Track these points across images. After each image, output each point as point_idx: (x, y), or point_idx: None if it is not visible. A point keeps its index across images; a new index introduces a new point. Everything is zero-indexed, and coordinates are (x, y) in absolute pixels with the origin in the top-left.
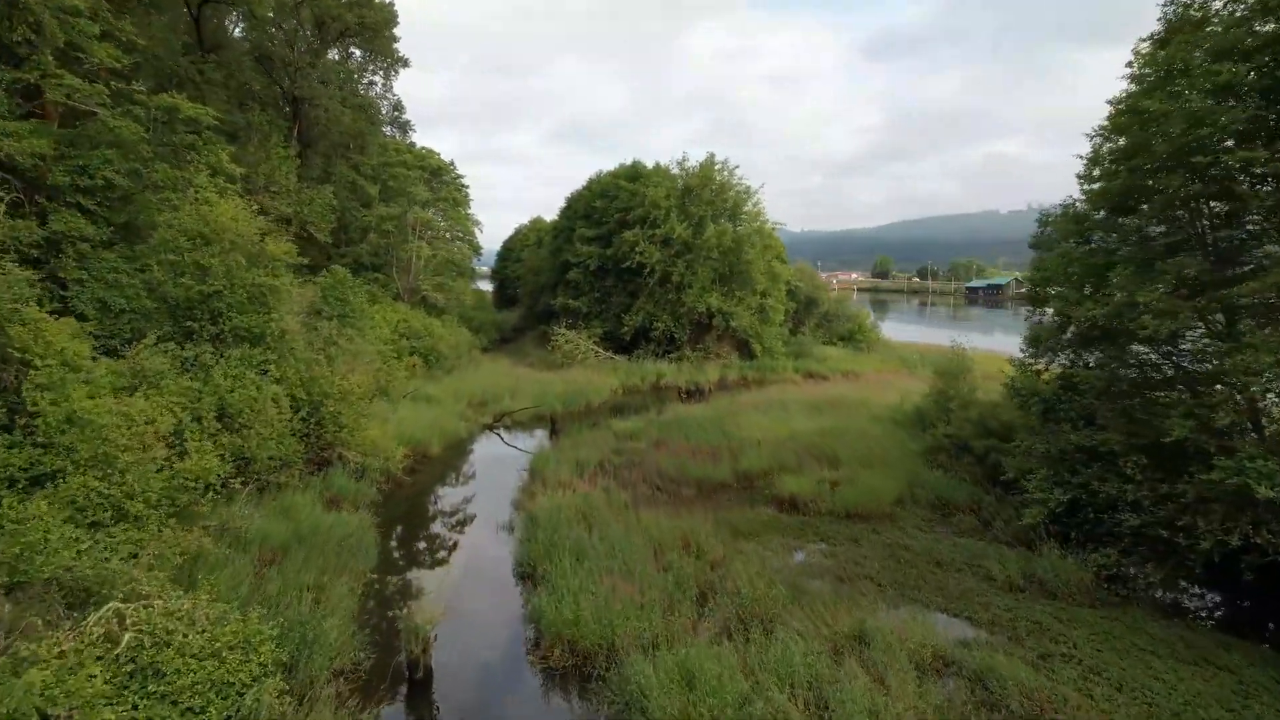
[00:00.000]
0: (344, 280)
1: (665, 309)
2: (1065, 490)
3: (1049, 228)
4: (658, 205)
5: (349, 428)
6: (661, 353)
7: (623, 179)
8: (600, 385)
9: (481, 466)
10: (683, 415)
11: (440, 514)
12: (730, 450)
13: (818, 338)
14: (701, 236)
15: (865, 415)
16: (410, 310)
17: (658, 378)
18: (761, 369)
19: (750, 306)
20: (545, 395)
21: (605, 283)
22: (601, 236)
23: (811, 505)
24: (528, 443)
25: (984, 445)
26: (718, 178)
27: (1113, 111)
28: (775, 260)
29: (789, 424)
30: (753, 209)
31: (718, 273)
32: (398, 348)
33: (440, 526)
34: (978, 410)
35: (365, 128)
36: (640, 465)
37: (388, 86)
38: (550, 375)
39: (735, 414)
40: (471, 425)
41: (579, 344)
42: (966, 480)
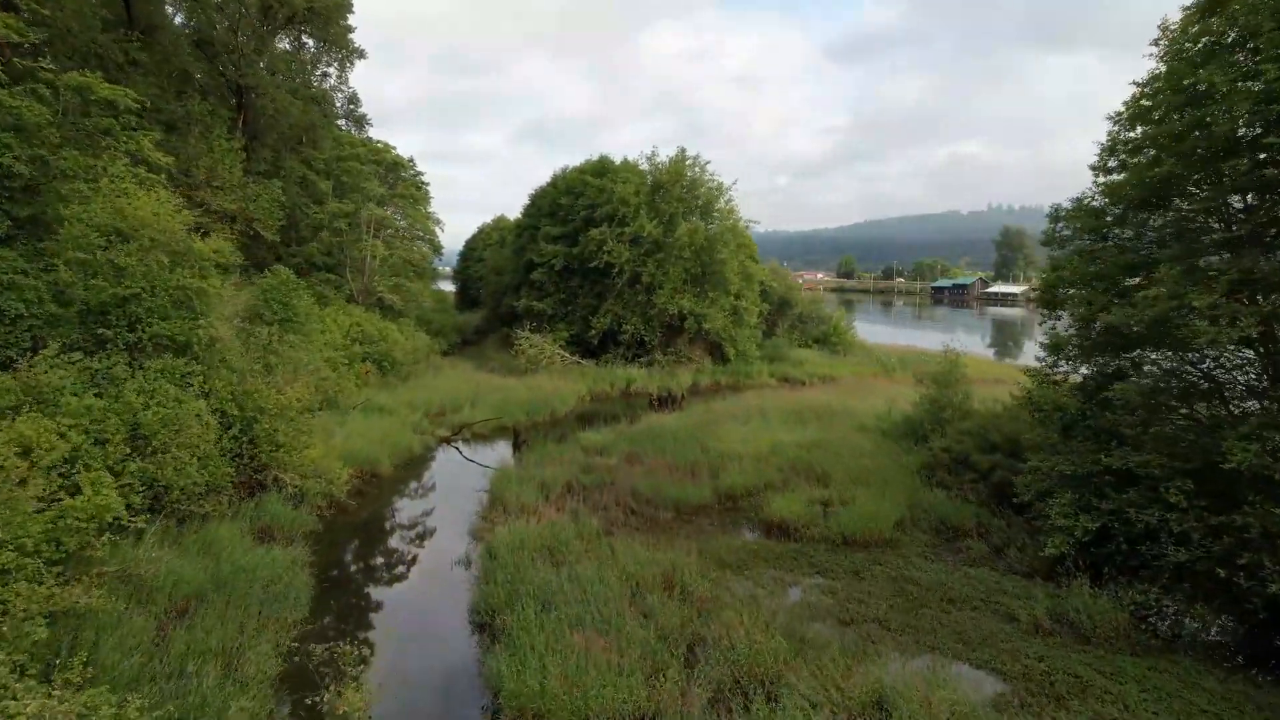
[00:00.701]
0: (287, 281)
1: (635, 311)
2: (1093, 517)
3: (1062, 223)
4: (626, 202)
5: (287, 446)
6: (631, 357)
7: (589, 175)
8: (567, 392)
9: (437, 487)
10: (656, 426)
11: (387, 546)
12: (709, 466)
13: (792, 340)
14: (672, 235)
15: (851, 425)
16: (365, 313)
17: (627, 383)
18: (735, 373)
19: (723, 308)
20: (508, 404)
21: (571, 283)
22: (567, 235)
23: (803, 531)
24: (489, 456)
25: (988, 461)
26: (689, 174)
27: (1138, 94)
28: (748, 260)
29: (771, 435)
30: (725, 206)
31: (689, 273)
32: (349, 354)
33: (386, 562)
34: (977, 421)
35: (317, 120)
36: (612, 485)
37: (342, 79)
38: (513, 381)
39: (712, 424)
40: (428, 438)
41: (544, 348)
42: (970, 500)
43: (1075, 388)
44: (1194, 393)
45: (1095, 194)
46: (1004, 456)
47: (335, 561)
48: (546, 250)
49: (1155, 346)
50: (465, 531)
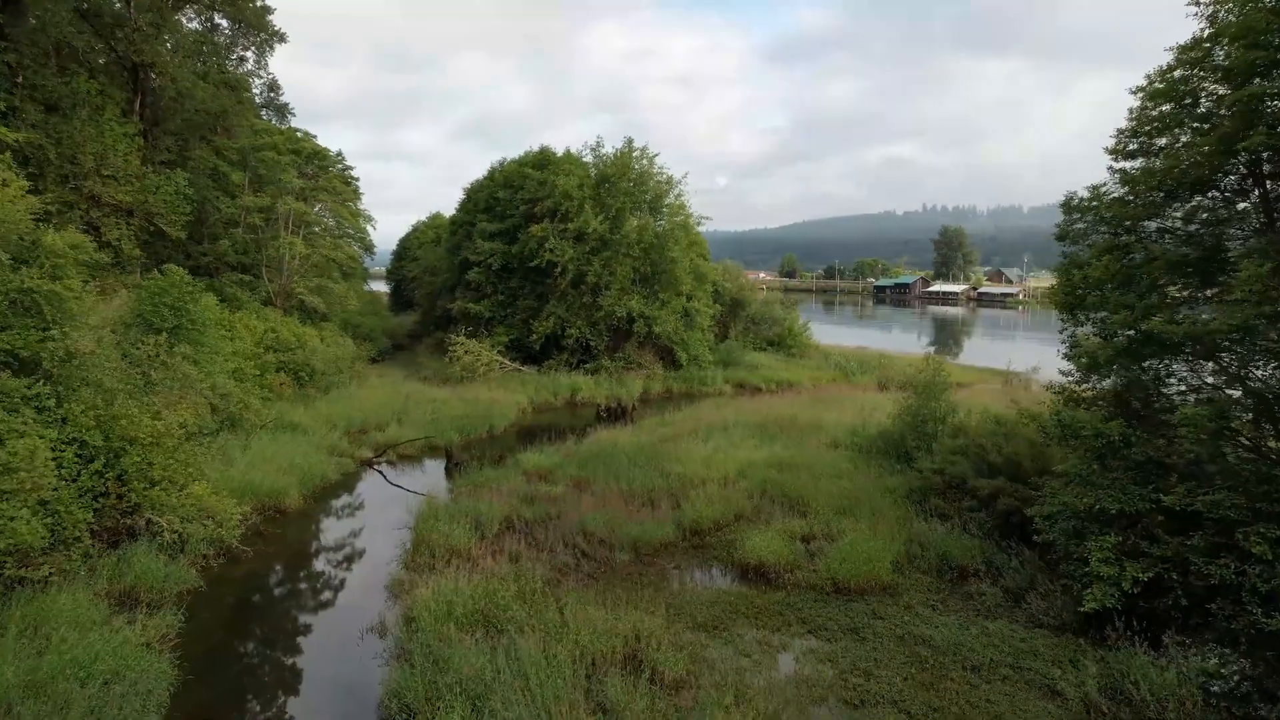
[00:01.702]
0: (180, 283)
1: (580, 313)
2: (1144, 565)
3: (1078, 215)
4: (569, 196)
5: (164, 482)
6: (576, 363)
7: (530, 167)
8: (506, 404)
9: (353, 522)
10: (607, 444)
11: (283, 608)
12: (670, 494)
13: (746, 343)
14: (619, 231)
15: (823, 440)
16: (283, 317)
17: (573, 392)
18: (689, 380)
19: (675, 310)
20: (440, 419)
21: (510, 284)
22: (506, 231)
23: (787, 575)
24: (418, 480)
25: (988, 486)
26: (637, 166)
27: (1178, 56)
28: (700, 258)
29: (736, 454)
30: (675, 201)
31: (638, 272)
32: (261, 364)
33: (279, 632)
34: (971, 439)
35: (230, 106)
36: (559, 520)
37: (261, 64)
38: (447, 392)
39: (670, 441)
40: (346, 462)
41: (481, 354)
42: (972, 532)
43: (1112, 407)
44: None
45: (1111, 182)
46: (1007, 480)
47: (213, 633)
48: (483, 248)
49: (1210, 357)
50: (383, 584)
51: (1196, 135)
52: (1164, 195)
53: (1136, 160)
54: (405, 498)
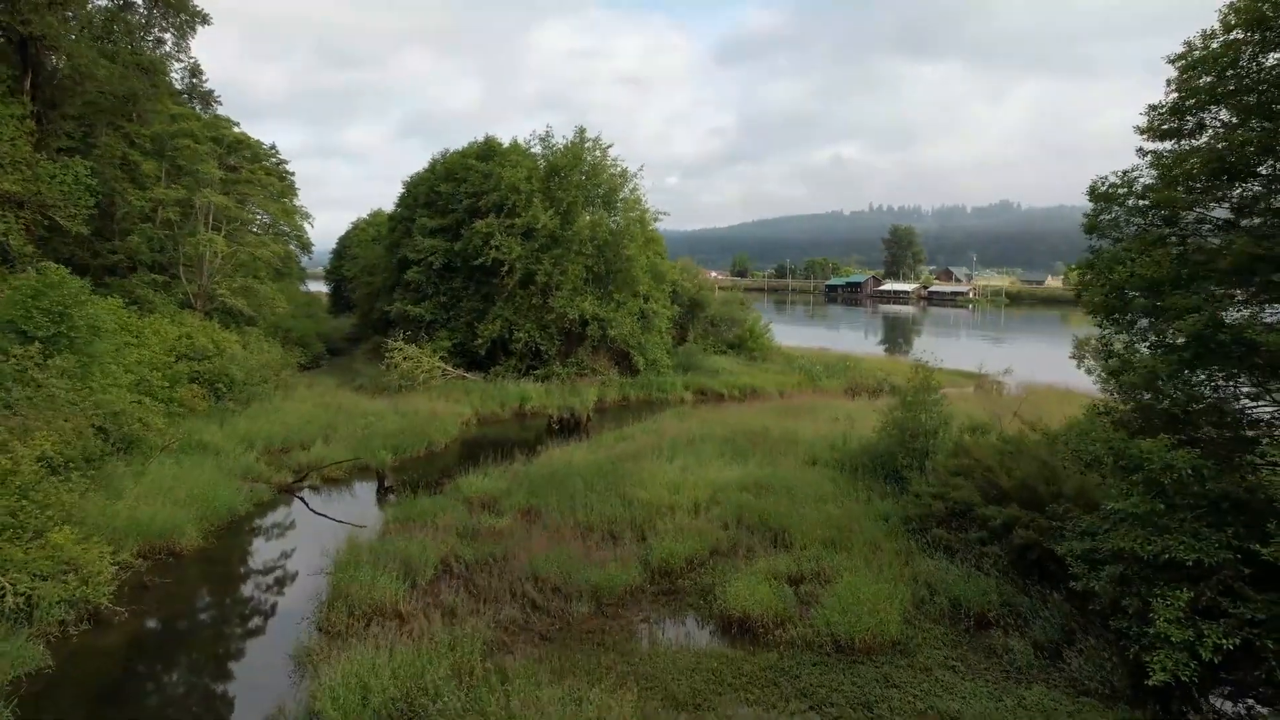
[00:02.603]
0: (61, 284)
1: (529, 316)
2: (1226, 627)
3: (1106, 204)
4: (517, 189)
5: (11, 531)
6: (525, 369)
7: (473, 158)
8: (447, 417)
9: (261, 567)
10: (560, 464)
11: (154, 701)
12: (635, 525)
13: (706, 347)
14: (571, 227)
15: (801, 455)
16: (201, 322)
17: (521, 402)
18: (647, 386)
19: (631, 312)
20: (373, 435)
21: (453, 284)
22: (448, 228)
23: (777, 631)
24: (346, 507)
25: (999, 515)
26: (589, 158)
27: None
28: (657, 256)
29: (706, 474)
30: (631, 196)
31: (592, 271)
32: (172, 374)
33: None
34: (973, 459)
35: (141, 89)
36: (505, 562)
37: (182, 47)
38: (383, 404)
39: (630, 460)
40: (261, 489)
41: (421, 361)
42: (987, 571)
43: (1170, 431)
44: None
45: (1143, 166)
46: (1020, 508)
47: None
48: (423, 245)
49: None
50: (287, 654)
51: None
52: (1208, 180)
53: (1168, 141)
54: (328, 532)
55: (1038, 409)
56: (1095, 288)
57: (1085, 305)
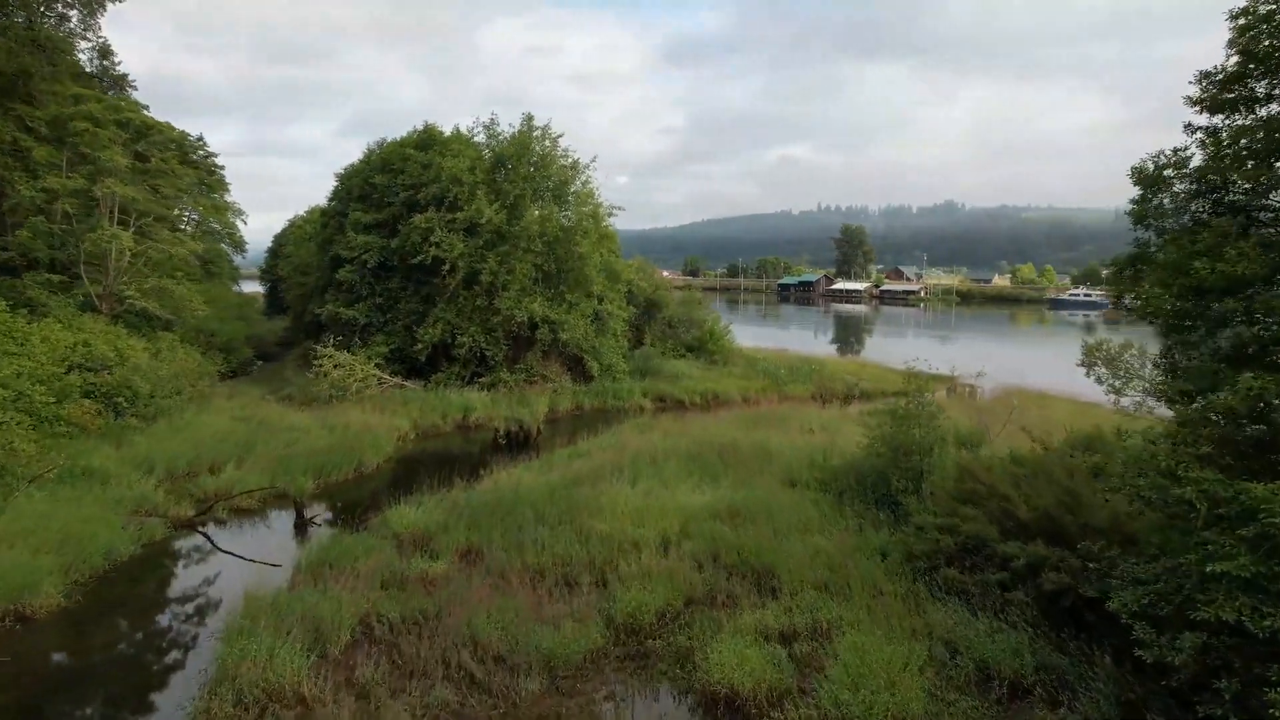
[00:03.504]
0: None
1: (473, 318)
2: None
3: (1154, 190)
4: (459, 181)
5: None
6: (470, 376)
7: (411, 148)
8: (382, 431)
9: (136, 631)
10: (506, 490)
11: None
12: (593, 566)
13: (664, 349)
14: (518, 222)
15: (777, 474)
16: (106, 326)
17: (465, 413)
18: (602, 394)
19: (584, 313)
20: (294, 456)
21: (390, 284)
22: (384, 223)
23: (773, 713)
24: (259, 542)
25: (1022, 554)
26: (538, 148)
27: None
28: (612, 254)
29: (673, 499)
30: (583, 189)
31: (541, 271)
32: (60, 387)
33: None
34: (982, 482)
35: (35, 68)
36: (439, 621)
37: (90, 25)
38: (310, 417)
39: (586, 482)
40: (154, 525)
41: (354, 368)
42: (1014, 621)
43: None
44: None
45: (1193, 144)
46: (1046, 545)
47: None
48: (357, 242)
49: None
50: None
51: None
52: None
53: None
54: (234, 575)
55: (1026, 417)
56: (1156, 289)
57: (1142, 311)
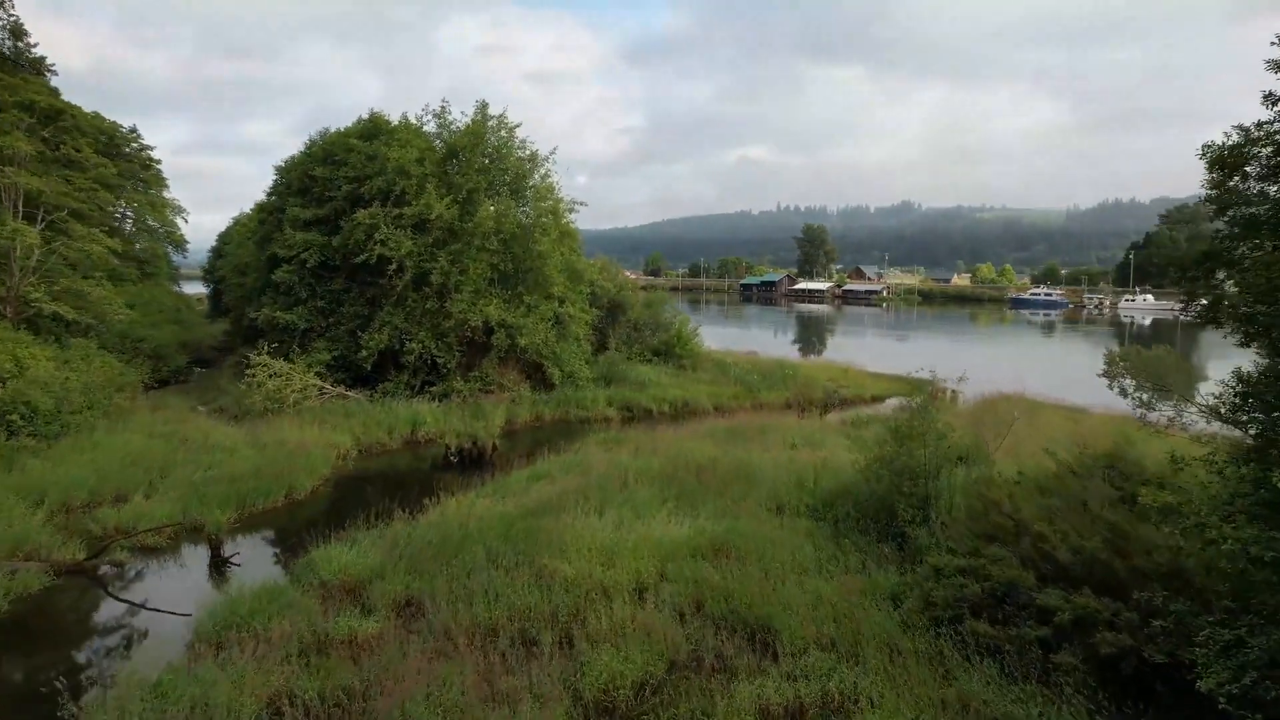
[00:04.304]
0: None
1: (423, 323)
2: None
3: (1227, 175)
4: (406, 173)
5: None
6: (420, 386)
7: (355, 138)
8: (319, 450)
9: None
10: (455, 522)
11: None
12: (557, 621)
13: (630, 354)
14: (472, 218)
15: (762, 498)
16: (7, 333)
17: (414, 427)
18: (564, 403)
19: (544, 316)
20: (215, 481)
21: (332, 286)
22: (325, 219)
23: None
24: (167, 587)
25: (1071, 610)
26: (493, 138)
27: None
28: (573, 254)
29: (648, 530)
30: (543, 183)
31: (497, 271)
32: None
33: None
34: (1017, 518)
35: None
36: (365, 703)
37: None
38: (241, 433)
39: (548, 511)
40: (32, 573)
41: (292, 378)
42: (1062, 689)
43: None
44: None
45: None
46: (1094, 596)
47: None
48: (295, 239)
49: None
50: None
51: None
52: None
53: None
54: (126, 636)
55: (1018, 427)
56: (1248, 287)
57: (1237, 317)
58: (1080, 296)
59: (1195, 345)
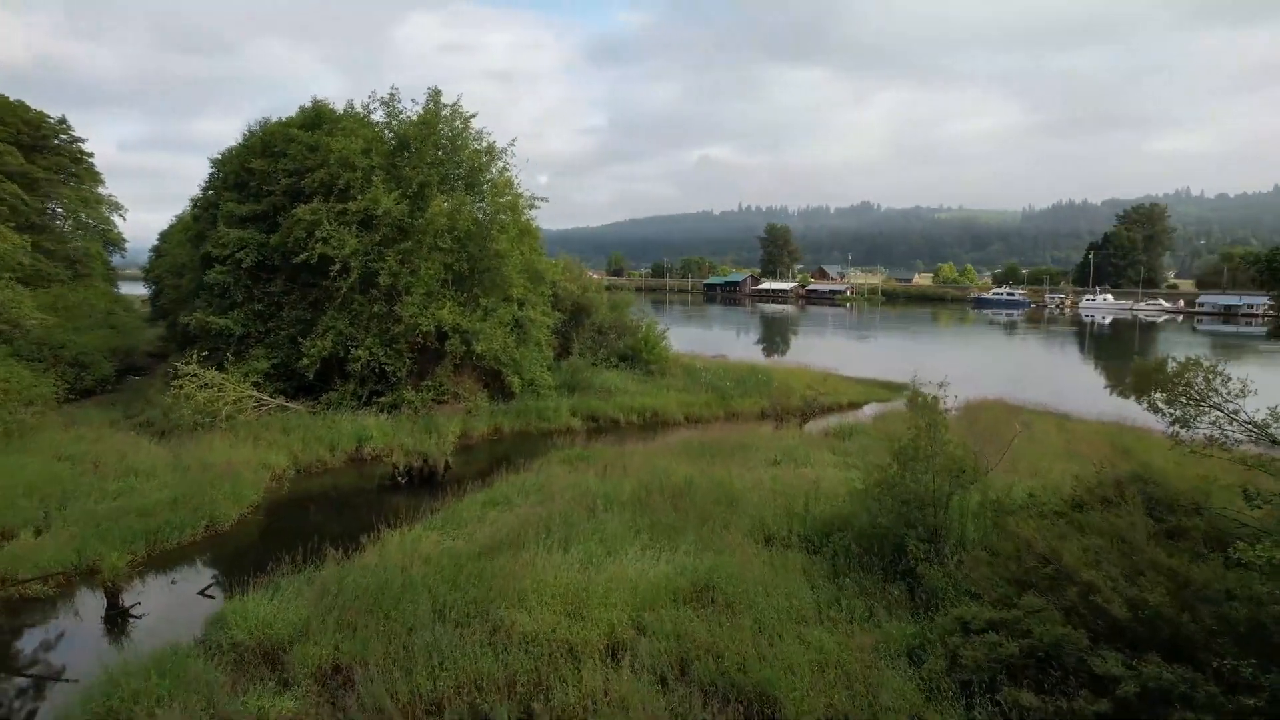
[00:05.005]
0: None
1: (370, 328)
2: None
3: None
4: (351, 165)
5: None
6: (368, 396)
7: (296, 127)
8: (250, 471)
9: None
10: (396, 564)
11: None
12: (514, 693)
13: (595, 360)
14: (423, 214)
15: (746, 527)
16: None
17: (359, 443)
18: (524, 414)
19: (502, 321)
20: (123, 514)
21: (271, 288)
22: (263, 215)
23: None
24: (53, 643)
25: (1136, 681)
26: (446, 128)
27: None
28: (534, 253)
29: (621, 569)
30: (500, 177)
31: (451, 271)
32: None
33: None
34: (1047, 561)
35: None
36: None
37: None
38: (163, 453)
39: (506, 547)
40: None
41: (225, 389)
42: None
43: None
44: None
45: None
46: (1163, 662)
47: None
48: (229, 237)
49: None
50: None
51: None
52: None
53: None
54: None
55: (1007, 436)
56: None
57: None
58: (1042, 296)
59: (1153, 344)
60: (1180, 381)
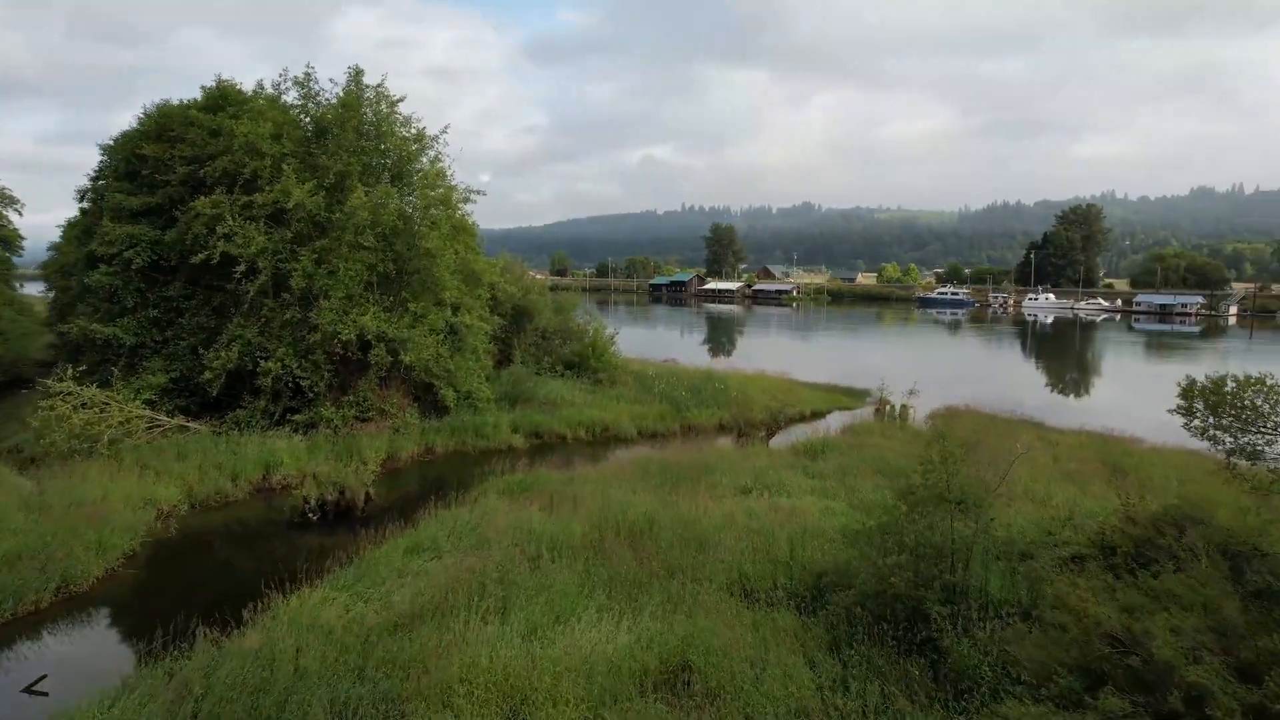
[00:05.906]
0: None
1: (282, 337)
2: None
3: None
4: (258, 151)
5: None
6: (281, 414)
7: (198, 109)
8: (125, 510)
9: None
10: (287, 646)
11: None
12: None
13: (539, 368)
14: (343, 208)
15: (721, 580)
16: None
17: (267, 470)
18: (460, 431)
19: (434, 327)
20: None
21: (168, 291)
22: (157, 208)
23: None
24: None
25: None
26: (370, 111)
27: None
28: (470, 252)
29: (573, 640)
30: (431, 167)
31: (375, 272)
32: None
33: None
34: (1120, 641)
35: None
36: None
37: None
38: (25, 486)
39: (430, 614)
40: None
41: (110, 409)
42: None
43: None
44: None
45: None
46: None
47: None
48: (117, 233)
49: None
50: None
51: None
52: None
53: None
54: None
55: (997, 453)
56: None
57: None
58: (986, 295)
59: (1091, 342)
60: (1238, 403)
